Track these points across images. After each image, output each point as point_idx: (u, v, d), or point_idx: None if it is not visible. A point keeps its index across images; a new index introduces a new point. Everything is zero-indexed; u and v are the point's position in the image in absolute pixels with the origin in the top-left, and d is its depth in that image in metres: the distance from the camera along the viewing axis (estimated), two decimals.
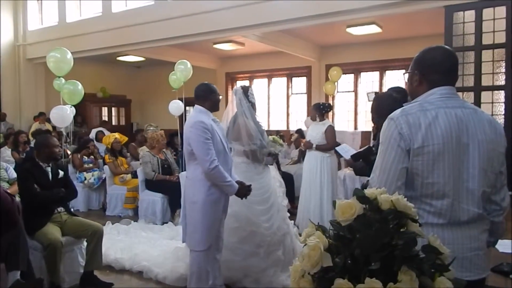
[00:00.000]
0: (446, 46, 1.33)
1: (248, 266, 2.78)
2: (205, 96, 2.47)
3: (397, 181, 1.21)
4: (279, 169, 4.27)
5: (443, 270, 0.85)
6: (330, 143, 4.07)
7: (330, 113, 8.33)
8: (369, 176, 1.33)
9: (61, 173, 2.99)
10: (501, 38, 4.27)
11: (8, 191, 2.33)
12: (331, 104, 4.31)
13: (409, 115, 1.23)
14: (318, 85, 8.46)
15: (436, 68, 1.28)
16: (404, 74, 1.41)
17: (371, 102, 2.37)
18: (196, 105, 2.50)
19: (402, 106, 1.29)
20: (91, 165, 5.66)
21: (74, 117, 5.20)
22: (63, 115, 4.52)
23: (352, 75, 8.28)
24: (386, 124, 1.27)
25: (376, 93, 5.40)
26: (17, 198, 2.82)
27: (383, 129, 1.28)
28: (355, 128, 8.29)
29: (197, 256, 2.40)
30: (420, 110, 1.23)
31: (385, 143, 1.25)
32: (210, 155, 2.30)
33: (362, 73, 8.31)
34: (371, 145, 2.26)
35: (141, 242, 3.72)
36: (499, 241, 2.30)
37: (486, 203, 1.25)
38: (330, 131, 4.09)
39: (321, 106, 4.23)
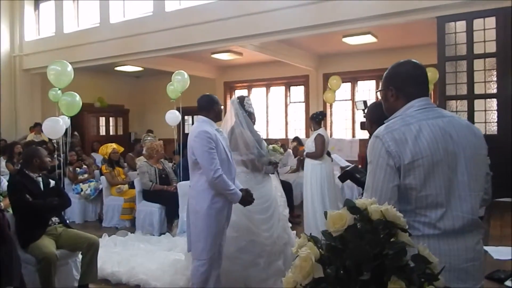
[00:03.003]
0: (414, 60, 1.35)
1: (248, 276, 2.75)
2: (209, 107, 2.54)
3: (390, 199, 1.19)
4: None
5: (433, 280, 0.85)
6: (317, 150, 4.11)
7: (328, 122, 8.43)
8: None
9: (52, 182, 2.96)
10: (491, 47, 4.34)
11: (2, 204, 2.29)
12: (324, 111, 4.44)
13: (394, 131, 1.22)
14: (315, 93, 8.51)
15: (411, 81, 1.30)
16: (377, 92, 1.43)
17: (360, 111, 2.39)
18: (199, 116, 2.55)
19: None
20: (86, 175, 5.62)
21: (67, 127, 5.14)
22: (55, 127, 4.46)
23: (349, 84, 8.34)
24: (372, 142, 1.26)
25: (364, 102, 5.49)
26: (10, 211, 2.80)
27: (369, 147, 1.28)
28: (353, 136, 8.32)
29: (200, 266, 2.40)
30: (404, 125, 1.23)
31: (374, 162, 1.24)
32: (214, 164, 2.33)
33: (359, 82, 8.38)
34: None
35: (138, 254, 3.68)
36: (495, 248, 2.30)
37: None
38: (317, 139, 4.14)
39: (314, 115, 4.33)
